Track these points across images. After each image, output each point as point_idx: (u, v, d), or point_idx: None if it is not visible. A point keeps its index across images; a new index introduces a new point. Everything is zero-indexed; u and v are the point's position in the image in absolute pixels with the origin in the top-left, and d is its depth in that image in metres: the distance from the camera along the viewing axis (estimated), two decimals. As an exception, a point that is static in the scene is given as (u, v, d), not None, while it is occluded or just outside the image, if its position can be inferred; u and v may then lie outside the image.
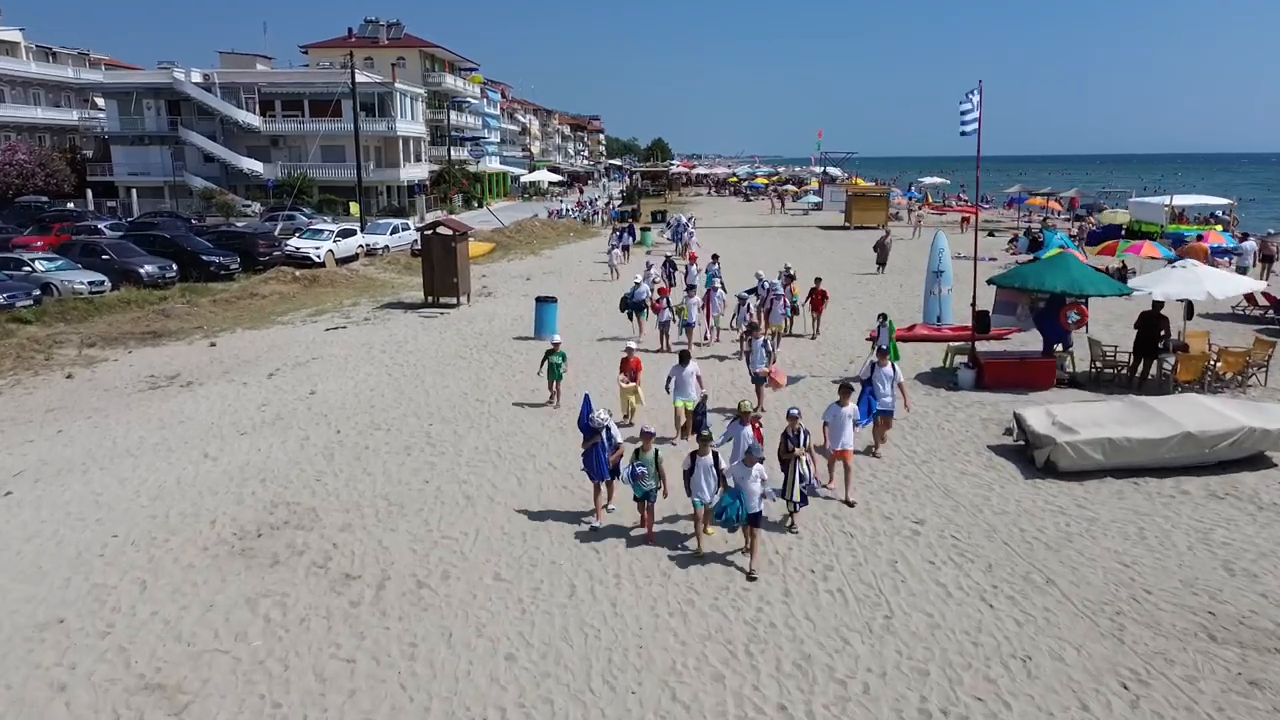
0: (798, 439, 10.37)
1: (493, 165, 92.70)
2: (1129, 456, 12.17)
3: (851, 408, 11.44)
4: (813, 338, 21.75)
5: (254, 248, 35.40)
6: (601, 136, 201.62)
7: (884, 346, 13.83)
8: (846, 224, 55.68)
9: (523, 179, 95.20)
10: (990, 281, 17.72)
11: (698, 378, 13.40)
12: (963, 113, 15.93)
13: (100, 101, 68.80)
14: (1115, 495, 11.68)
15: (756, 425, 10.78)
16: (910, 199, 78.35)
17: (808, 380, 17.45)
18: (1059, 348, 17.16)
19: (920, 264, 33.14)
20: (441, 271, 25.11)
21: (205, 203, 60.71)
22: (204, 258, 32.99)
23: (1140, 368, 16.86)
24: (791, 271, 22.59)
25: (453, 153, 79.73)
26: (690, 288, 21.68)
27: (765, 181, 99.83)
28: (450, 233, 25.28)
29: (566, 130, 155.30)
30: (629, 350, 14.58)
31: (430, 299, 25.64)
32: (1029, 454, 12.84)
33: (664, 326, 20.25)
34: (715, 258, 25.80)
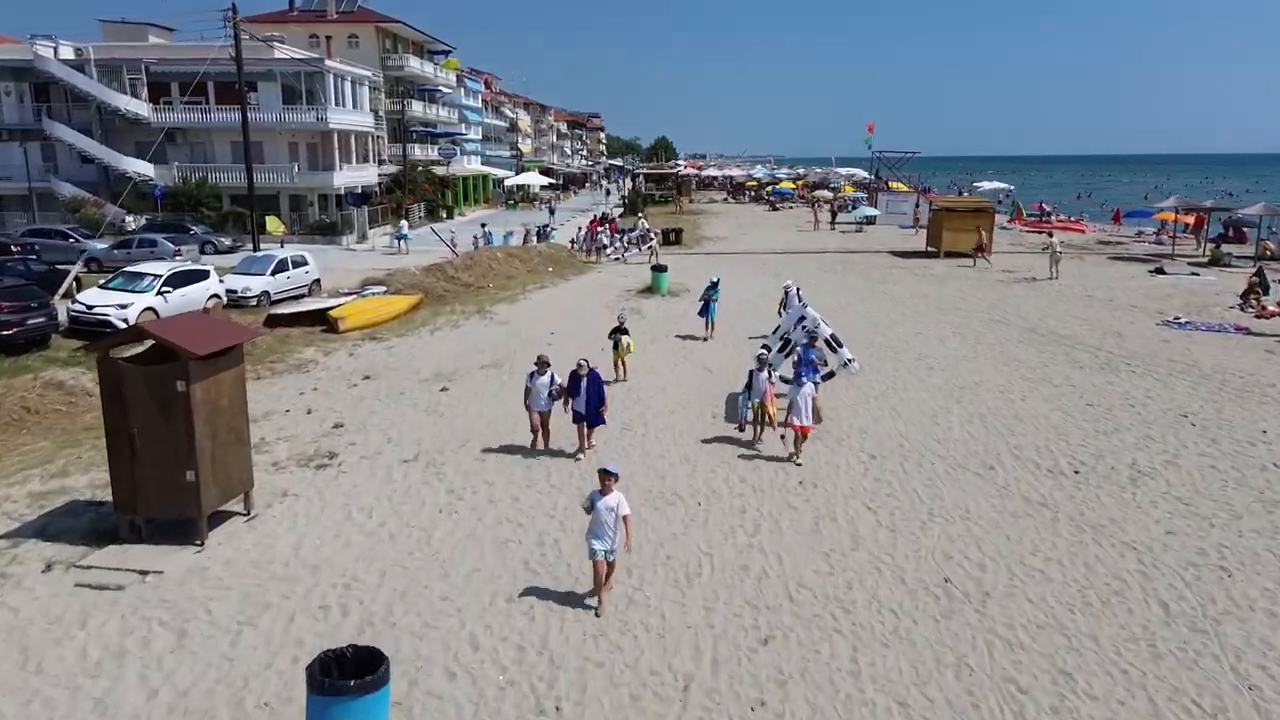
0: None
1: (472, 166, 77.49)
2: None
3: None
4: None
5: (-14, 314, 20.11)
6: (602, 135, 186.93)
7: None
8: (932, 249, 40.45)
9: (506, 183, 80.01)
10: None
11: None
12: None
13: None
14: None
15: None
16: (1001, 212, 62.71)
17: None
18: None
19: (1063, 329, 18.19)
20: (153, 455, 9.64)
21: (72, 215, 45.73)
22: None
23: None
24: None
25: (417, 151, 64.57)
26: None
27: (794, 186, 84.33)
28: (177, 354, 9.68)
29: (563, 128, 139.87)
30: None
31: (131, 521, 10.21)
32: None
33: None
34: None
